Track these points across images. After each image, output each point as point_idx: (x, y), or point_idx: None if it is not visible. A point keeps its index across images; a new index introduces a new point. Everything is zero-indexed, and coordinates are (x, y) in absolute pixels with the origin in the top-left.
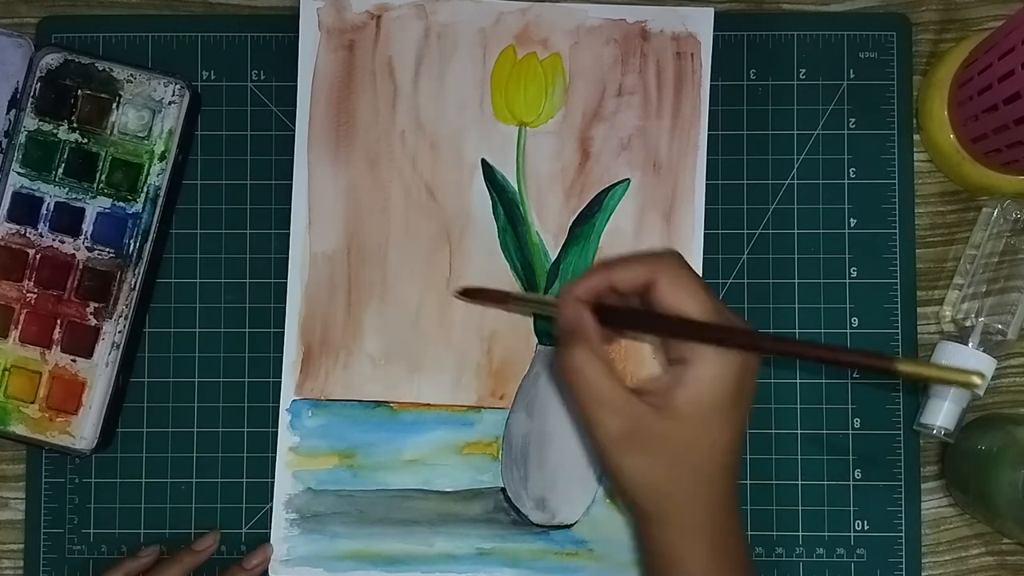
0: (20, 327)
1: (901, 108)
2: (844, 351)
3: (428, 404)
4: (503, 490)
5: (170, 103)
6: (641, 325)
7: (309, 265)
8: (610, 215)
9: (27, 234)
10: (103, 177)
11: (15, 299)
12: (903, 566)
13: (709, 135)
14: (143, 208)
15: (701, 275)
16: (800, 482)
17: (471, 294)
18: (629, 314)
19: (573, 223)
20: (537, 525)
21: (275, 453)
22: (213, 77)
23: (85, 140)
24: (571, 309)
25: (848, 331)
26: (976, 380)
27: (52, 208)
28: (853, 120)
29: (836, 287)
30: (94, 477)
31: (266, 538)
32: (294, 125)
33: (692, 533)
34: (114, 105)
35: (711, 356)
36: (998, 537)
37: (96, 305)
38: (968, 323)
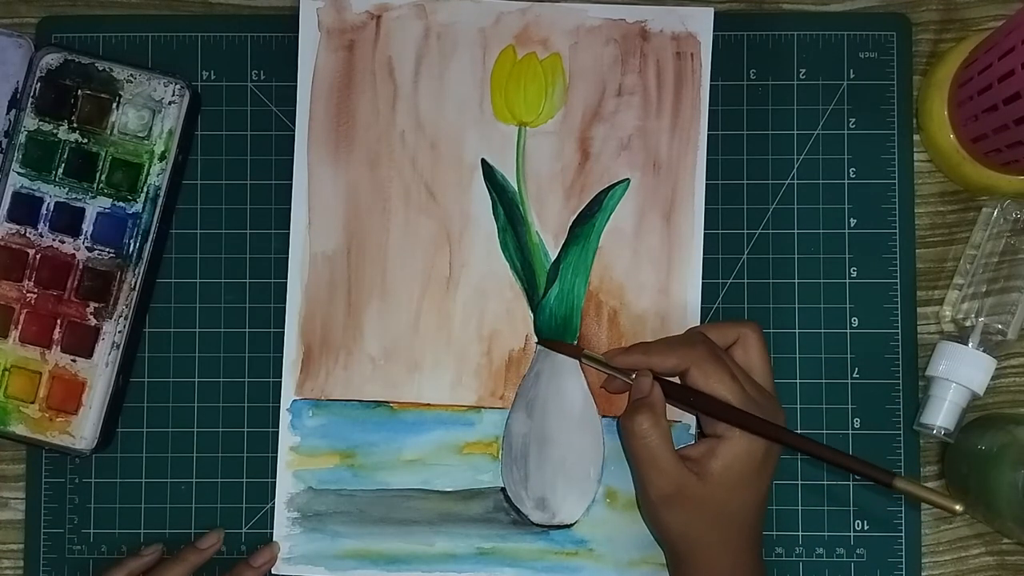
0: (20, 327)
1: (901, 108)
2: (850, 459)
3: (428, 404)
4: (503, 490)
5: (170, 103)
6: (684, 399)
7: (309, 265)
8: (610, 215)
9: (27, 234)
10: (103, 177)
11: (15, 299)
12: (903, 566)
13: (709, 135)
14: (143, 208)
15: (700, 275)
16: (800, 482)
17: (548, 345)
18: (676, 388)
19: (573, 223)
20: (537, 525)
21: (275, 453)
22: (213, 77)
23: (85, 140)
24: (646, 382)
25: (848, 331)
26: (958, 509)
27: (52, 208)
28: (853, 120)
29: (836, 287)
30: (94, 477)
31: (267, 538)
32: (294, 125)
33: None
34: (114, 105)
35: (740, 435)
36: (998, 537)
37: (96, 305)
38: (968, 323)
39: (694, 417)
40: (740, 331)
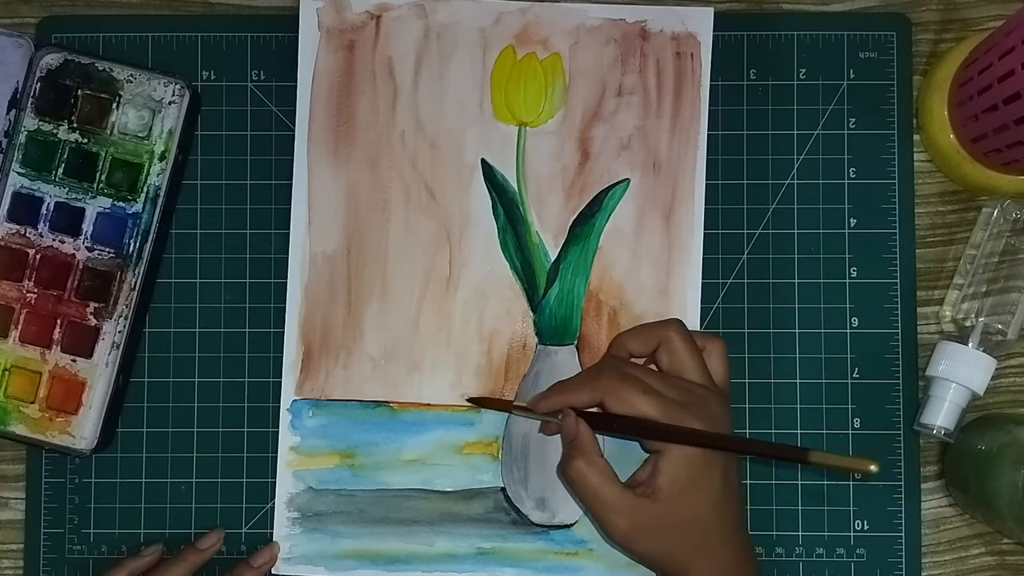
0: (20, 327)
1: (901, 108)
2: (762, 445)
3: (428, 404)
4: (503, 490)
5: (170, 103)
6: (610, 427)
7: (309, 265)
8: (610, 215)
9: (27, 234)
10: (103, 177)
11: (15, 299)
12: (903, 566)
13: (709, 135)
14: (143, 208)
15: (700, 275)
16: (800, 482)
17: (478, 402)
18: (599, 417)
19: (573, 223)
20: (537, 525)
21: (275, 453)
22: (213, 77)
23: (85, 140)
24: (570, 422)
25: (848, 331)
26: (873, 468)
27: (52, 208)
28: (853, 120)
29: (836, 287)
30: (94, 477)
31: (267, 538)
32: (294, 125)
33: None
34: (114, 105)
35: (673, 447)
36: (998, 537)
37: (96, 305)
38: (968, 323)
39: None
40: (660, 335)
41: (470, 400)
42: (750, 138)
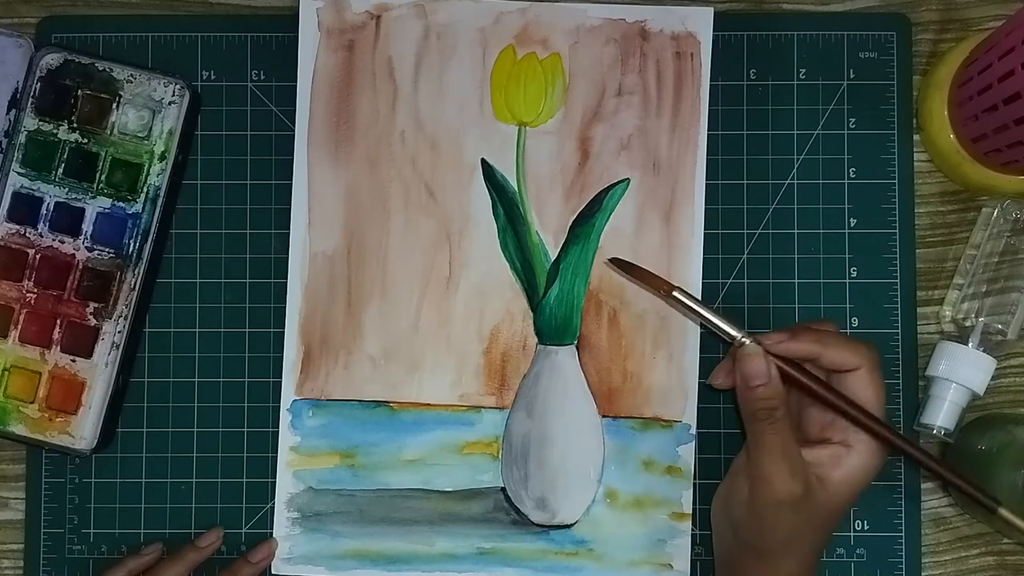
0: (20, 327)
1: (901, 108)
2: (962, 478)
3: (428, 404)
4: (503, 490)
5: (170, 103)
6: (815, 394)
7: (309, 265)
8: (610, 215)
9: (27, 234)
10: (103, 177)
11: (15, 299)
12: (903, 566)
13: (709, 135)
14: (143, 208)
15: (701, 275)
16: None
17: (625, 266)
18: (812, 380)
19: (573, 223)
20: (537, 525)
21: (275, 453)
22: (213, 77)
23: (85, 140)
24: (761, 363)
25: (848, 331)
26: None
27: (52, 208)
28: (853, 120)
29: (836, 287)
30: (94, 477)
31: (266, 538)
32: (294, 125)
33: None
34: (114, 105)
35: (868, 449)
36: (998, 537)
37: (96, 305)
38: (968, 323)
39: (695, 417)
40: (858, 361)
41: (612, 260)
42: (750, 138)
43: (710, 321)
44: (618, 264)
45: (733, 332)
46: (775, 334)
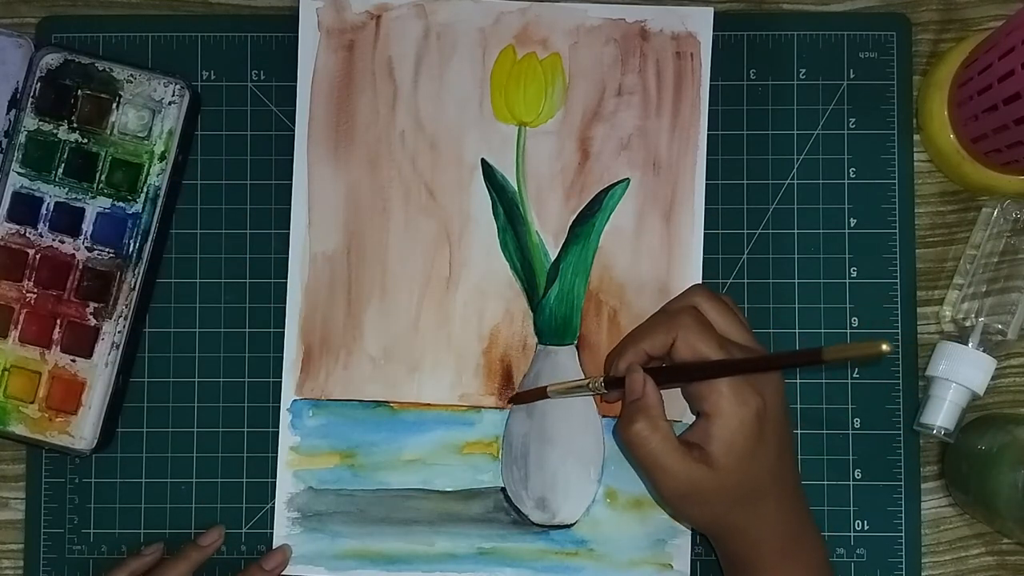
0: (20, 327)
1: (901, 108)
2: (774, 357)
3: (428, 404)
4: (503, 490)
5: (170, 103)
6: (677, 376)
7: (309, 265)
8: (610, 215)
9: (27, 234)
10: (103, 177)
11: (15, 299)
12: (903, 566)
13: (709, 135)
14: (143, 208)
15: (701, 275)
16: (801, 482)
17: (516, 399)
18: (666, 370)
19: (573, 223)
20: (537, 525)
21: (275, 453)
22: (213, 77)
23: (85, 140)
24: (638, 383)
25: (848, 331)
26: (885, 348)
27: (52, 208)
28: (853, 120)
29: (836, 287)
30: (94, 477)
31: (267, 538)
32: (294, 125)
33: (756, 545)
34: (114, 105)
35: (727, 409)
36: (998, 537)
37: (96, 305)
38: (968, 323)
39: (694, 417)
40: (677, 322)
41: (511, 401)
42: (750, 138)
43: (573, 390)
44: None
45: (587, 381)
46: (608, 360)
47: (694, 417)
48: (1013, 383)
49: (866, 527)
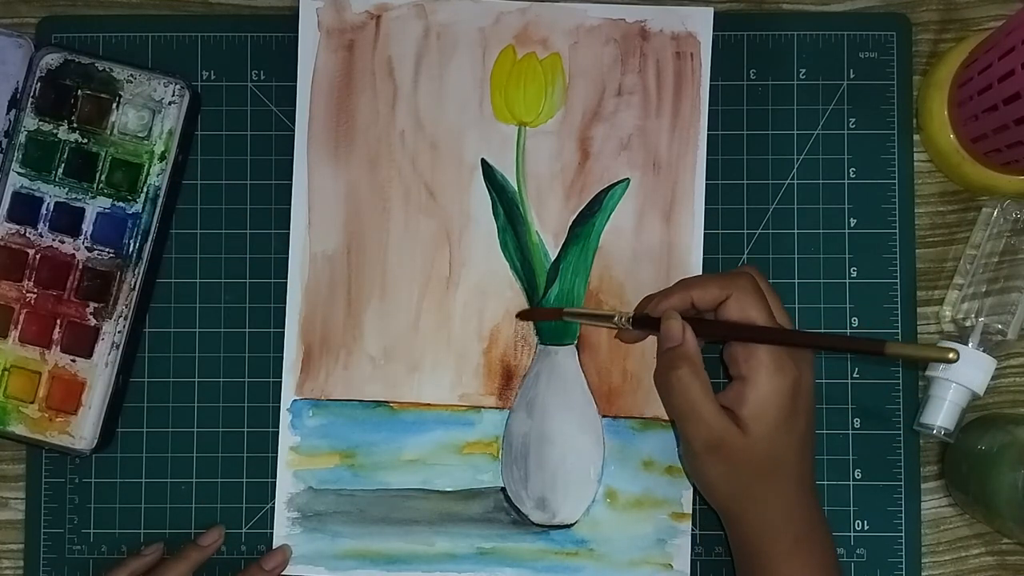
0: (20, 327)
1: (901, 108)
2: (844, 339)
3: (428, 404)
4: (503, 490)
5: (170, 103)
6: (716, 332)
7: (309, 265)
8: (610, 215)
9: (27, 234)
10: (103, 177)
11: (15, 299)
12: (903, 566)
13: (709, 135)
14: (143, 208)
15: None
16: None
17: (526, 315)
18: (706, 323)
19: (573, 223)
20: (537, 525)
21: (275, 453)
22: (213, 77)
23: (85, 140)
24: (676, 330)
25: (848, 331)
26: (952, 357)
27: (52, 208)
28: (853, 120)
29: (836, 287)
30: (94, 477)
31: (267, 538)
32: (294, 125)
33: (772, 530)
34: (114, 105)
35: (764, 376)
36: (998, 537)
37: (96, 305)
38: (968, 323)
39: None
40: (734, 282)
41: (519, 316)
42: (750, 138)
43: (593, 318)
44: (522, 316)
45: (611, 314)
46: (651, 300)
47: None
48: (1013, 383)
49: (866, 527)
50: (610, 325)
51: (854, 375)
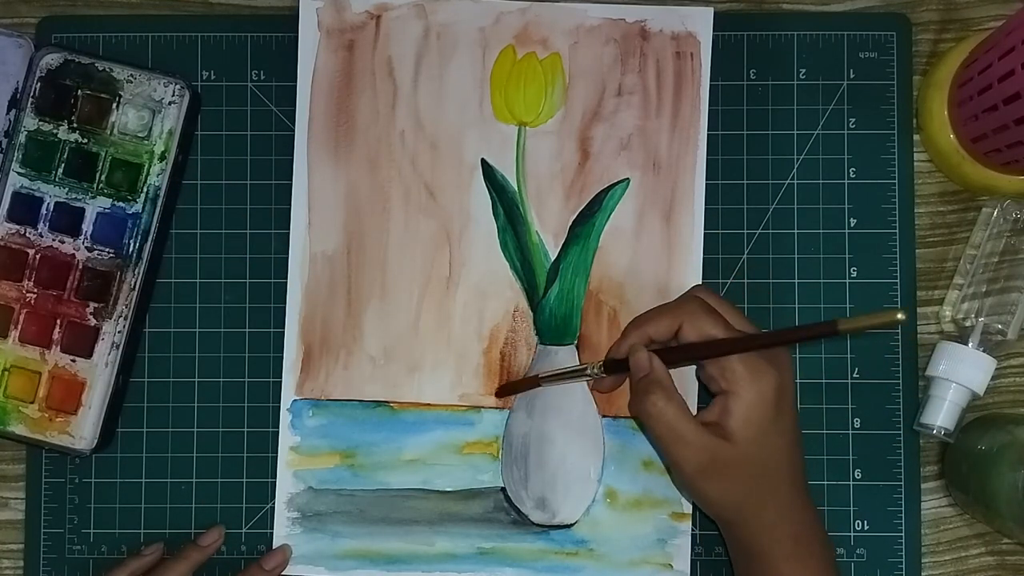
0: (20, 327)
1: (901, 108)
2: (790, 331)
3: (428, 404)
4: (503, 490)
5: (170, 103)
6: (683, 357)
7: (309, 265)
8: (610, 215)
9: (27, 234)
10: (103, 177)
11: (15, 299)
12: (903, 566)
13: (709, 135)
14: (143, 208)
15: (701, 275)
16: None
17: (504, 391)
18: (672, 350)
19: (573, 223)
20: (537, 525)
21: (275, 453)
22: (213, 77)
23: (85, 140)
24: (644, 360)
25: None
26: (900, 316)
27: (52, 208)
28: (853, 120)
29: (836, 287)
30: (94, 477)
31: (267, 538)
32: (294, 125)
33: (771, 530)
34: (114, 105)
35: (744, 385)
36: (998, 537)
37: (96, 305)
38: (968, 323)
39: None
40: (683, 308)
41: (498, 393)
42: (750, 138)
43: (567, 376)
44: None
45: (583, 367)
46: (613, 347)
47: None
48: (1013, 383)
49: (866, 527)
50: (584, 377)
51: (854, 375)
